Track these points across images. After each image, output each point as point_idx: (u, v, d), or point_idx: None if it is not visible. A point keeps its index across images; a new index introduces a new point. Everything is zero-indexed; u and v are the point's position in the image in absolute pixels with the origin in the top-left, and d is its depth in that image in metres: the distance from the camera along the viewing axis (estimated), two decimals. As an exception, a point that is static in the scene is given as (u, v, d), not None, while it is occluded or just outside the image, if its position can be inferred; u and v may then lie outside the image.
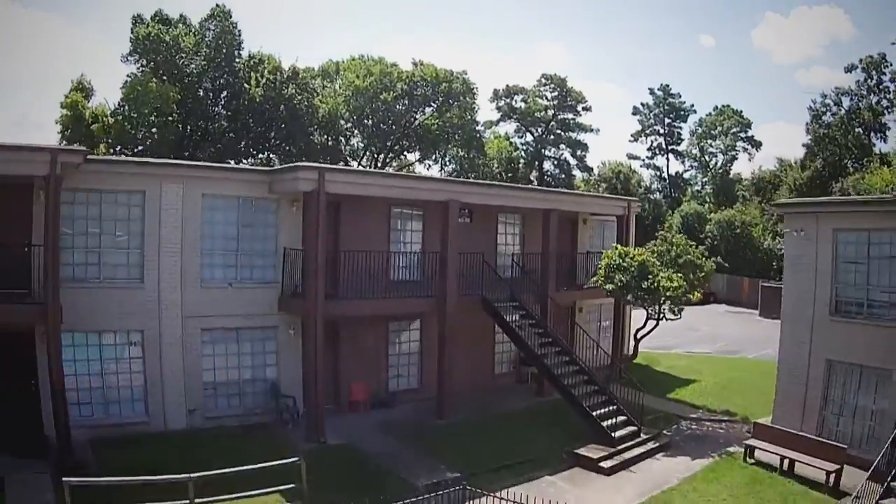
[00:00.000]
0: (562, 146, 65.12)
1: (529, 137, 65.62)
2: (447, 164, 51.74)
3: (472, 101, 47.14)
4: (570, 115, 64.47)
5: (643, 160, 74.21)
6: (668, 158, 74.38)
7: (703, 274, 19.32)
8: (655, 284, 17.54)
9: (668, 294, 17.71)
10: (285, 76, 40.51)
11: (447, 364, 17.41)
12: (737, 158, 71.36)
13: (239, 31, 40.11)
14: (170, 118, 36.38)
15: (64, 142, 35.68)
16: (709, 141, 72.46)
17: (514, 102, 63.73)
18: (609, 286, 18.28)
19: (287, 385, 16.49)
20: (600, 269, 18.61)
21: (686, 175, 75.57)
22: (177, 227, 15.13)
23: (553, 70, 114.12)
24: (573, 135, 64.84)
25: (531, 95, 63.49)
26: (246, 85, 39.48)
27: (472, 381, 19.32)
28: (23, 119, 76.98)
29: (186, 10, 75.04)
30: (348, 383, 17.71)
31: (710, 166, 72.15)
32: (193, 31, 38.95)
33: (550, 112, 64.20)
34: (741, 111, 71.16)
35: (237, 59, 40.12)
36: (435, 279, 17.53)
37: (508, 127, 65.71)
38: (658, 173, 74.60)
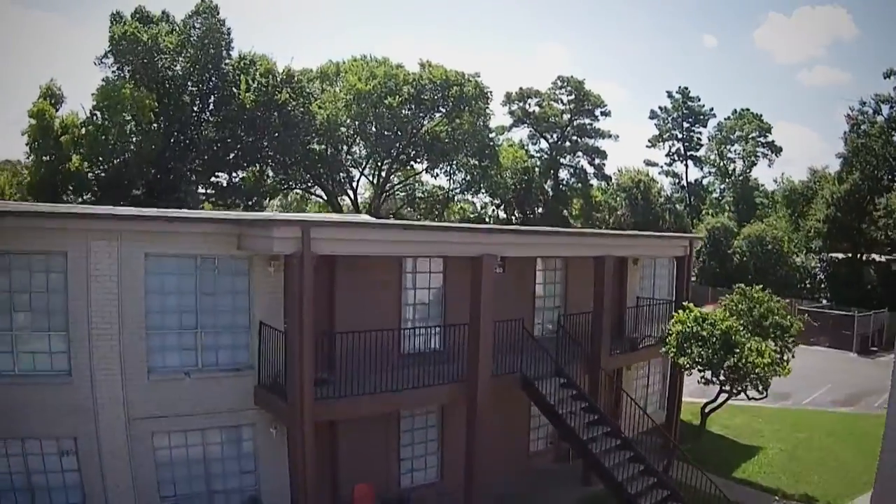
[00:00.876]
0: (578, 154, 61.01)
1: (544, 144, 61.51)
2: (457, 172, 47.76)
3: (486, 106, 43.10)
4: (587, 121, 60.35)
5: (661, 167, 70.38)
6: (686, 165, 70.51)
7: (791, 338, 15.53)
8: (743, 360, 13.67)
9: (756, 371, 13.90)
10: (279, 79, 36.64)
11: (476, 459, 13.52)
12: (756, 164, 67.58)
13: (228, 29, 36.24)
14: (152, 126, 32.50)
15: (31, 156, 31.87)
16: (727, 146, 68.57)
17: (527, 107, 59.58)
18: (684, 360, 14.38)
19: (270, 497, 12.62)
20: (670, 335, 14.73)
21: (704, 182, 71.72)
22: (112, 300, 11.17)
23: (552, 70, 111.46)
24: (590, 141, 60.73)
25: (546, 99, 59.32)
26: (235, 89, 35.60)
27: (503, 463, 15.49)
28: (21, 119, 74.75)
29: (183, 8, 71.48)
30: (350, 485, 13.77)
31: (730, 173, 68.21)
32: (177, 29, 34.98)
33: (566, 117, 60.08)
34: (761, 115, 67.37)
35: (226, 61, 36.25)
36: (460, 349, 13.61)
37: (522, 133, 61.78)
38: (677, 181, 70.68)
